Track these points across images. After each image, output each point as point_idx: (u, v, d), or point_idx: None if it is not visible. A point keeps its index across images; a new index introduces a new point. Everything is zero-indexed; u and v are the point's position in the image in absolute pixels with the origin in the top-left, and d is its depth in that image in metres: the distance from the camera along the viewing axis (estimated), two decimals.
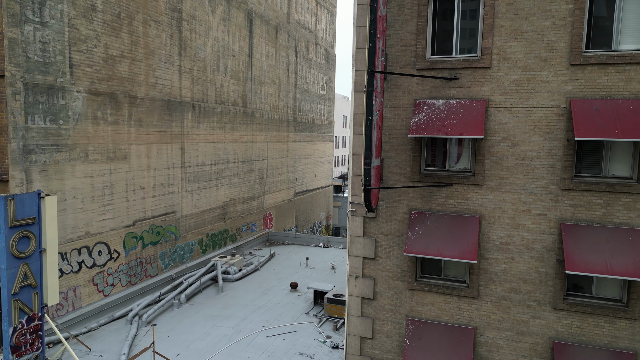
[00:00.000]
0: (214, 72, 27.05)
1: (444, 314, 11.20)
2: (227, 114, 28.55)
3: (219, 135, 27.96)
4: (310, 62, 39.98)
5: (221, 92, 27.88)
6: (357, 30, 11.30)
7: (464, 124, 10.09)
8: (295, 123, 37.93)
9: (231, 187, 29.58)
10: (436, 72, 10.84)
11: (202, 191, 26.68)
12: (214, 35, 26.89)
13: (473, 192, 10.77)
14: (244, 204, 31.30)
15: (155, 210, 23.15)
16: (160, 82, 22.93)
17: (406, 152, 11.20)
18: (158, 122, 23.00)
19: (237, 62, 29.28)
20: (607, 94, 9.77)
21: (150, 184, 22.73)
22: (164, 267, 23.99)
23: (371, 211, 10.64)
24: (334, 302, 19.71)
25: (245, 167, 31.07)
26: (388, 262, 11.55)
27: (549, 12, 9.99)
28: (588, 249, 9.63)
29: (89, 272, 19.59)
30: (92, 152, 19.51)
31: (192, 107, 25.36)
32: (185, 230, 25.46)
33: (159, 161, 23.17)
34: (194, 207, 26.06)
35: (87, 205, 19.42)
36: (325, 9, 42.33)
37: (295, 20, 36.97)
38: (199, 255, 26.92)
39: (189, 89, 25.06)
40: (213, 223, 28.03)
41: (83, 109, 18.97)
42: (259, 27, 31.53)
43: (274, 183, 35.24)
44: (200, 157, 26.33)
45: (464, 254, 10.12)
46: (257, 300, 21.38)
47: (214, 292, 22.66)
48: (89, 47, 19.04)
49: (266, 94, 33.01)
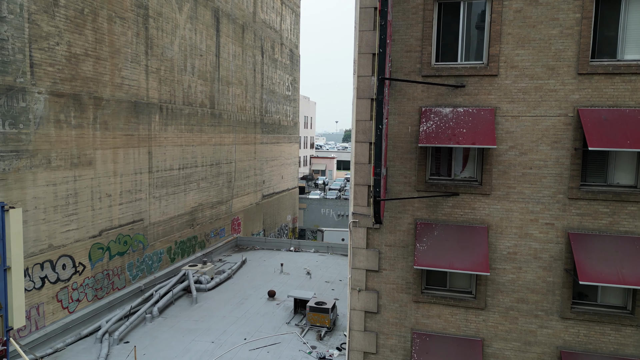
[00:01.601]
0: (181, 72, 25.87)
1: (451, 326, 10.97)
2: (195, 116, 27.41)
3: (187, 138, 26.80)
4: (276, 62, 39.21)
5: (189, 93, 26.72)
6: (360, 34, 10.85)
7: (475, 132, 9.86)
8: (262, 124, 37.08)
9: (200, 192, 28.45)
10: (442, 80, 10.57)
11: (171, 197, 25.47)
12: (181, 34, 25.72)
13: (480, 201, 10.58)
14: (213, 209, 30.22)
15: (122, 219, 21.82)
16: (126, 83, 21.62)
17: (411, 161, 10.87)
18: (124, 125, 21.67)
19: (204, 62, 28.17)
20: (614, 103, 9.82)
21: (117, 191, 21.40)
22: (131, 279, 22.68)
23: (379, 223, 10.24)
24: (316, 311, 19.22)
25: (214, 171, 30.00)
26: (392, 274, 11.19)
27: (557, 20, 9.93)
28: (598, 259, 9.65)
29: (52, 288, 18.13)
30: (55, 158, 18.05)
31: (160, 108, 24.13)
32: (153, 238, 24.20)
33: (125, 166, 21.85)
34: (162, 214, 24.82)
35: (50, 216, 17.95)
36: (289, 9, 41.66)
37: (261, 19, 36.12)
38: (168, 264, 25.68)
39: (156, 89, 23.82)
40: (182, 230, 26.84)
41: (45, 111, 17.50)
42: (225, 26, 30.51)
43: (242, 186, 34.30)
44: (168, 161, 25.12)
45: (476, 265, 9.90)
46: (234, 311, 20.55)
47: (187, 303, 21.62)
48: (51, 44, 17.59)
49: (233, 95, 32.03)
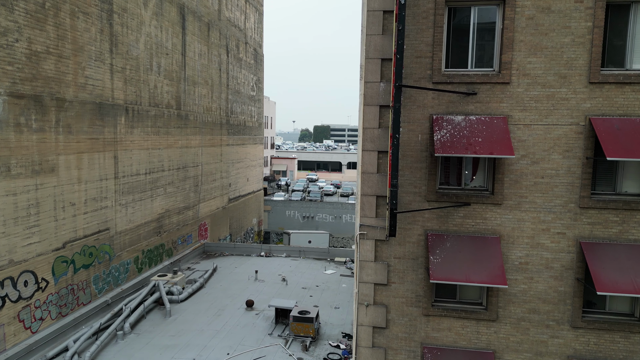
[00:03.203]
0: (147, 71, 24.48)
1: (462, 339, 10.72)
2: (161, 117, 26.05)
3: (154, 141, 25.42)
4: (240, 61, 38.12)
5: (155, 94, 25.35)
6: (367, 38, 10.37)
7: (491, 142, 9.62)
8: (228, 125, 35.93)
9: (166, 197, 27.10)
10: (453, 87, 10.28)
11: (137, 203, 24.05)
12: (147, 31, 24.33)
13: (492, 211, 10.38)
14: (180, 214, 28.90)
15: (87, 229, 20.32)
16: (90, 83, 20.13)
17: (421, 170, 10.52)
18: (89, 129, 20.19)
19: (170, 61, 26.83)
20: (624, 112, 9.87)
21: (82, 199, 19.90)
22: (97, 293, 21.20)
23: (393, 236, 9.82)
24: (300, 320, 18.60)
25: (180, 175, 28.68)
26: (402, 288, 10.81)
27: (569, 28, 9.85)
28: (612, 268, 9.66)
29: (14, 307, 16.55)
30: (15, 166, 16.48)
31: (126, 110, 22.70)
32: (119, 248, 22.75)
33: (90, 172, 20.36)
34: (129, 222, 23.39)
35: (10, 229, 16.37)
36: (253, 7, 40.64)
37: (226, 17, 34.96)
38: (135, 275, 24.26)
39: (122, 90, 22.38)
40: (149, 238, 25.44)
41: (4, 114, 15.92)
42: (191, 24, 29.23)
43: (209, 190, 33.06)
44: (135, 165, 23.70)
45: (493, 278, 9.67)
46: (213, 323, 19.59)
47: (160, 316, 20.43)
48: (10, 41, 16.01)
49: (199, 95, 30.77)
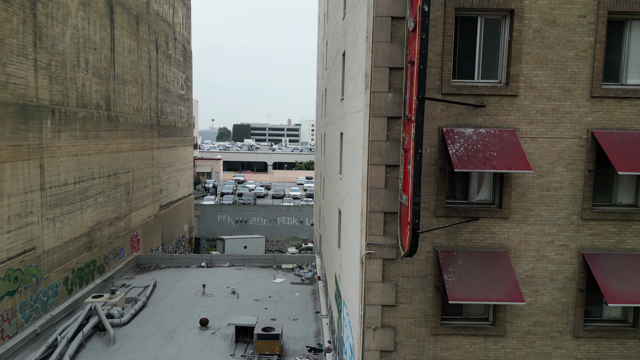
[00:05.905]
0: (74, 68, 21.82)
1: (470, 357, 10.46)
2: (90, 120, 23.40)
3: (83, 147, 22.76)
4: (170, 58, 35.64)
5: (83, 93, 22.69)
6: (374, 46, 9.69)
7: (507, 156, 9.41)
8: (158, 127, 33.41)
9: (97, 208, 24.44)
10: (462, 98, 9.94)
11: (66, 217, 21.37)
12: (73, 23, 21.66)
13: (499, 225, 10.21)
14: (111, 226, 26.26)
15: (11, 250, 17.60)
16: (12, 82, 17.42)
17: (430, 185, 10.08)
18: (11, 134, 17.47)
19: (98, 57, 24.20)
20: (622, 126, 10.15)
21: (4, 216, 17.17)
22: (24, 322, 18.48)
23: (410, 256, 9.26)
24: (265, 338, 17.54)
25: (111, 182, 26.05)
26: (410, 308, 10.31)
27: (573, 43, 9.92)
28: (616, 279, 9.89)
29: None
30: None
31: (52, 112, 20.01)
32: (47, 269, 20.04)
33: (14, 185, 17.64)
34: (57, 239, 20.70)
35: None
36: (181, 1, 38.18)
37: (155, 10, 32.43)
38: (65, 297, 21.56)
39: (47, 89, 19.69)
40: (79, 255, 22.75)
41: None
42: (120, 16, 26.61)
43: (140, 197, 30.48)
44: (63, 174, 21.01)
45: (509, 295, 9.48)
46: (166, 349, 17.85)
47: (102, 344, 18.24)
48: None
49: (129, 95, 28.18)
